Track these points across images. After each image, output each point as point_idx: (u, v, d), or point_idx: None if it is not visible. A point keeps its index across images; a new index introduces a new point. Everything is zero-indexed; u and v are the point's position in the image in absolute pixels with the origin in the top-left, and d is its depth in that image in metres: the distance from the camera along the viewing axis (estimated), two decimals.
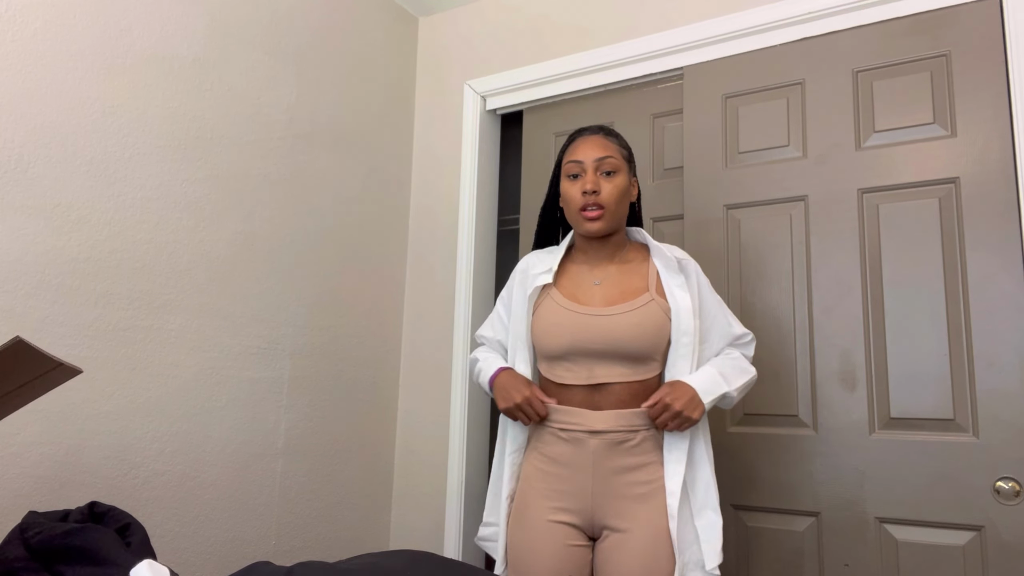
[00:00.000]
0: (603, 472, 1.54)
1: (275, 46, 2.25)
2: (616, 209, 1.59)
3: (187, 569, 1.89)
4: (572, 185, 1.61)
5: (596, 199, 1.57)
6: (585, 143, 1.62)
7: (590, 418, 1.55)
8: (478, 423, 2.56)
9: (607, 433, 1.54)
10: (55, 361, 1.00)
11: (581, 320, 1.57)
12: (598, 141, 1.62)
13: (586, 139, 1.63)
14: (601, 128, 1.67)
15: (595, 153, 1.59)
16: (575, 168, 1.61)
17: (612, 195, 1.58)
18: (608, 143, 1.62)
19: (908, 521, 1.80)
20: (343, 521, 2.38)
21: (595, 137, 1.63)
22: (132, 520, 1.44)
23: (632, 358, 1.55)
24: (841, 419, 1.90)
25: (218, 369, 2.02)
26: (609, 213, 1.58)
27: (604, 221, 1.58)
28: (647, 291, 1.59)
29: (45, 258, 1.65)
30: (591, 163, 1.59)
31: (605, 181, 1.58)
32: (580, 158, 1.60)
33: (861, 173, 1.97)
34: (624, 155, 1.64)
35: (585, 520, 1.55)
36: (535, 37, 2.57)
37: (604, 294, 1.61)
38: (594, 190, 1.56)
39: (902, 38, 1.97)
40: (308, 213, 2.33)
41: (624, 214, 1.64)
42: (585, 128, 1.68)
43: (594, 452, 1.54)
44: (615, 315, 1.56)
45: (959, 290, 1.82)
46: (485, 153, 2.68)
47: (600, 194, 1.57)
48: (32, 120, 1.65)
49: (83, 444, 1.70)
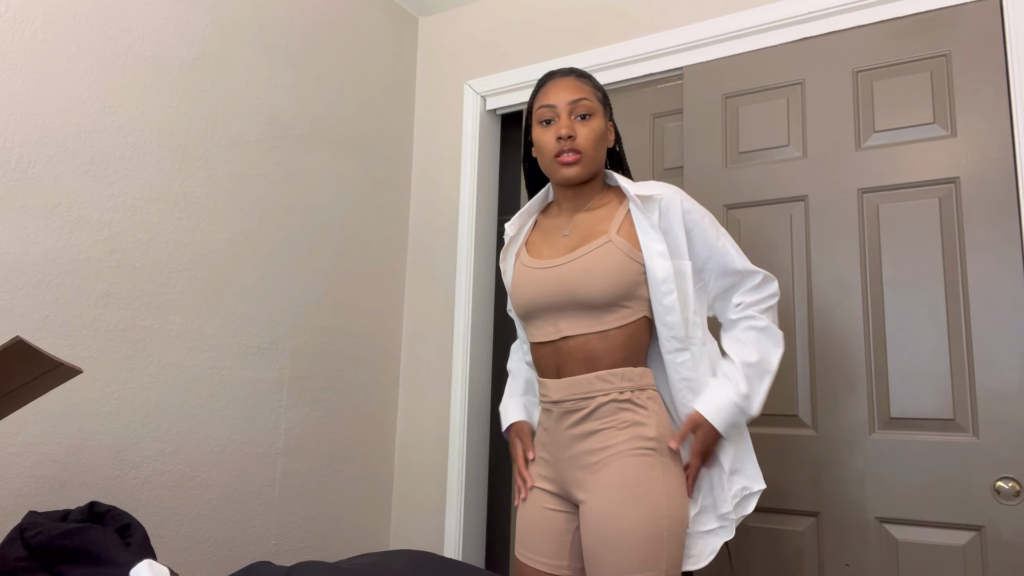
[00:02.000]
0: (563, 441, 1.50)
1: (275, 46, 2.25)
2: (594, 154, 1.50)
3: (187, 569, 1.89)
4: (545, 131, 1.51)
5: (572, 144, 1.47)
6: (556, 85, 1.53)
7: (551, 388, 1.51)
8: (478, 423, 2.56)
9: (562, 403, 1.49)
10: (55, 361, 1.00)
11: (537, 275, 1.52)
12: (570, 83, 1.52)
13: (557, 81, 1.54)
14: (572, 70, 1.56)
15: (568, 95, 1.49)
16: (547, 113, 1.51)
17: (589, 139, 1.48)
18: (581, 84, 1.52)
19: (908, 521, 1.80)
20: (343, 521, 2.38)
21: (567, 79, 1.53)
22: (132, 520, 1.44)
23: (589, 306, 1.45)
24: (841, 419, 1.90)
25: (218, 369, 2.02)
26: (587, 158, 1.48)
27: (581, 166, 1.49)
28: (605, 234, 1.49)
29: (45, 258, 1.65)
30: (564, 106, 1.49)
31: (580, 125, 1.48)
32: (552, 102, 1.50)
33: (861, 173, 1.97)
34: (599, 97, 1.54)
35: (560, 488, 1.53)
36: (535, 37, 2.57)
37: (568, 244, 1.53)
38: (569, 135, 1.46)
39: (902, 38, 1.97)
40: (308, 213, 2.33)
41: (602, 159, 1.53)
42: (555, 70, 1.58)
43: (556, 422, 1.51)
44: (566, 263, 1.49)
45: (959, 290, 1.82)
46: (485, 153, 2.68)
47: (576, 138, 1.47)
48: (32, 120, 1.65)
49: (83, 444, 1.70)
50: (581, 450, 1.47)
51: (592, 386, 1.46)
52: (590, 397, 1.46)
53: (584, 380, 1.47)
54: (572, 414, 1.48)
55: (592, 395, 1.46)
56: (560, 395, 1.49)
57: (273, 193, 2.22)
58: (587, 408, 1.46)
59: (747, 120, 2.16)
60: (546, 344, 1.53)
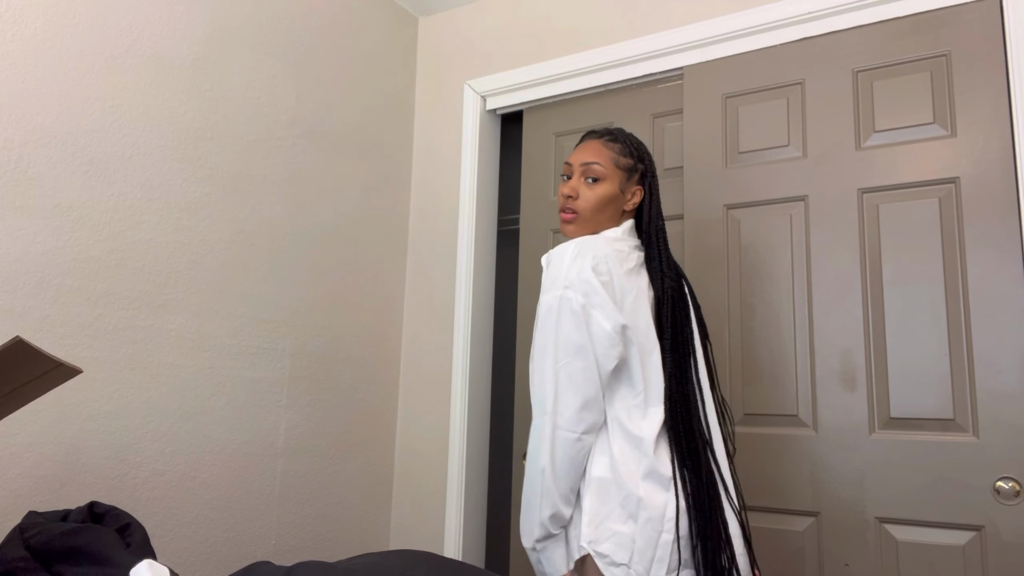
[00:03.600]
0: None
1: (275, 46, 2.25)
2: (592, 216, 1.56)
3: (187, 569, 1.89)
4: (562, 186, 1.62)
5: (572, 204, 1.57)
6: (582, 146, 1.62)
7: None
8: (478, 423, 2.56)
9: None
10: (55, 361, 1.00)
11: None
12: (593, 146, 1.60)
13: (585, 143, 1.62)
14: (607, 133, 1.62)
15: (583, 157, 1.59)
16: (567, 169, 1.62)
17: (589, 201, 1.56)
18: (603, 149, 1.58)
19: (908, 521, 1.80)
20: (343, 521, 2.38)
21: (593, 143, 1.61)
22: (132, 520, 1.44)
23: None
24: (841, 419, 1.90)
25: (218, 369, 2.02)
26: (582, 219, 1.57)
27: (575, 225, 1.58)
28: None
29: (45, 258, 1.65)
30: (578, 167, 1.59)
31: (586, 187, 1.57)
32: (571, 161, 1.61)
33: (861, 173, 1.97)
34: (620, 163, 1.58)
35: None
36: (535, 37, 2.57)
37: None
38: (570, 195, 1.57)
39: (902, 38, 1.97)
40: (308, 213, 2.33)
41: (599, 222, 1.57)
42: (594, 131, 1.66)
43: None
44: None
45: (959, 290, 1.82)
46: (485, 153, 2.68)
47: (577, 200, 1.57)
48: (32, 120, 1.65)
49: (83, 444, 1.70)
50: None
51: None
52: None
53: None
54: None
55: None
56: None
57: (273, 193, 2.22)
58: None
59: (747, 120, 2.16)
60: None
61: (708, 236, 2.15)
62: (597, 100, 2.48)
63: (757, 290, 2.06)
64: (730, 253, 2.12)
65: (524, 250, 2.55)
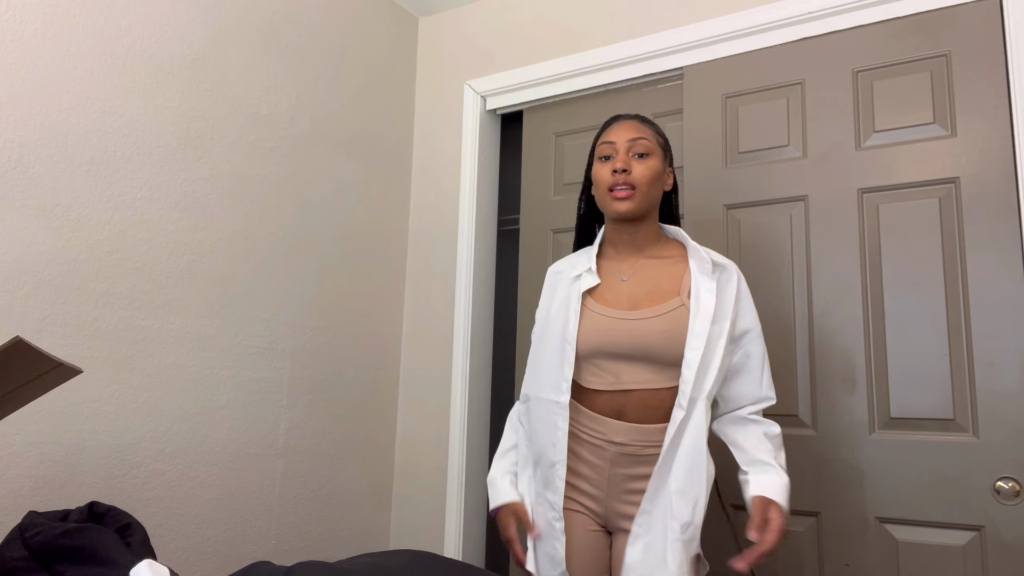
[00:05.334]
0: (617, 480, 1.55)
1: (275, 46, 2.25)
2: (648, 191, 1.55)
3: (187, 569, 1.89)
4: (603, 166, 1.58)
5: (626, 178, 1.53)
6: (619, 126, 1.60)
7: (612, 428, 1.54)
8: (478, 423, 2.56)
9: (625, 445, 1.54)
10: (55, 361, 1.00)
11: (608, 323, 1.55)
12: (632, 124, 1.59)
13: (621, 122, 1.61)
14: (637, 115, 1.64)
15: (628, 134, 1.57)
16: (607, 149, 1.58)
17: (644, 175, 1.54)
18: (642, 127, 1.60)
19: (908, 521, 1.80)
20: (343, 521, 2.38)
21: (630, 121, 1.61)
22: (132, 520, 1.44)
23: (659, 364, 1.52)
24: (841, 419, 1.90)
25: (218, 369, 2.02)
26: (640, 194, 1.54)
27: (634, 201, 1.54)
28: (677, 295, 1.55)
29: (45, 258, 1.65)
30: (623, 143, 1.56)
31: (637, 162, 1.55)
32: (612, 139, 1.58)
33: (861, 173, 1.97)
34: (659, 142, 1.61)
35: (605, 521, 1.59)
36: (535, 37, 2.57)
37: (631, 293, 1.57)
38: (624, 168, 1.53)
39: (902, 38, 1.97)
40: (308, 213, 2.33)
41: (656, 199, 1.59)
42: (621, 114, 1.66)
43: (611, 462, 1.55)
44: (643, 319, 1.53)
45: (959, 290, 1.82)
46: (485, 153, 2.68)
47: (631, 173, 1.54)
48: (32, 120, 1.65)
49: (83, 444, 1.70)
50: (633, 488, 1.54)
51: (653, 437, 1.53)
52: (653, 446, 1.53)
53: (653, 429, 1.53)
54: (631, 458, 1.54)
55: (656, 444, 1.52)
56: (624, 438, 1.54)
57: (273, 193, 2.22)
58: (649, 452, 1.53)
59: (747, 120, 2.16)
60: (603, 392, 1.57)
61: (708, 236, 2.15)
62: (597, 100, 2.48)
63: (757, 290, 2.06)
64: (730, 253, 2.12)
65: (524, 250, 2.55)
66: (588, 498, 1.58)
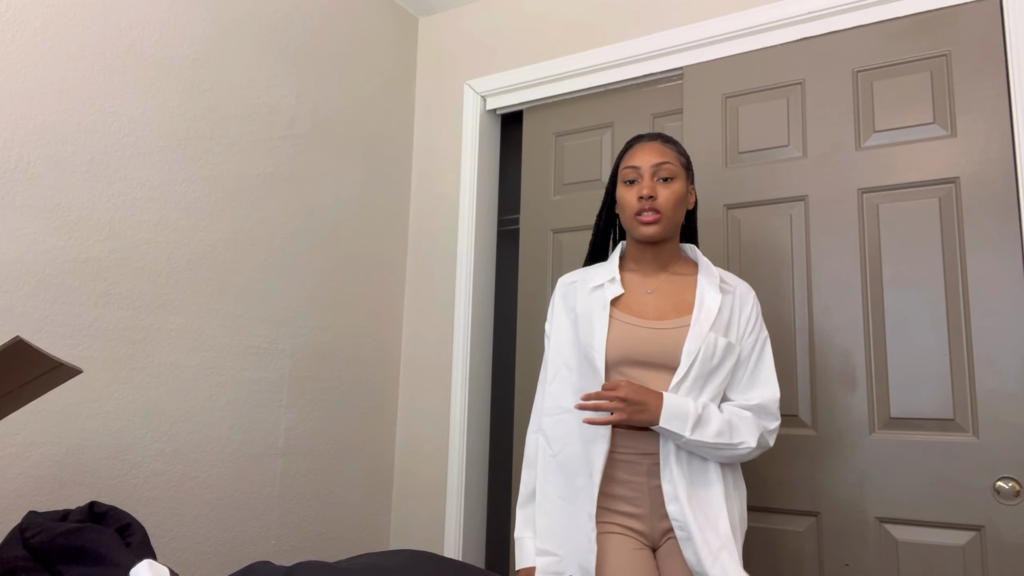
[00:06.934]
0: (656, 497, 1.54)
1: (275, 46, 2.25)
2: (672, 215, 1.58)
3: (187, 569, 1.89)
4: (628, 191, 1.60)
5: (652, 204, 1.56)
6: (643, 149, 1.61)
7: (643, 440, 1.54)
8: (478, 423, 2.56)
9: (654, 455, 1.54)
10: (55, 361, 1.00)
11: (635, 331, 1.56)
12: (656, 147, 1.61)
13: (644, 145, 1.62)
14: (659, 135, 1.66)
15: (652, 159, 1.58)
16: (632, 174, 1.60)
17: (669, 201, 1.57)
18: (666, 149, 1.61)
19: (908, 521, 1.80)
20: (343, 521, 2.38)
21: (653, 143, 1.62)
22: (132, 520, 1.44)
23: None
24: (841, 419, 1.90)
25: (218, 369, 2.02)
26: (665, 219, 1.57)
27: (660, 226, 1.57)
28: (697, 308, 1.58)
29: (45, 258, 1.65)
30: (648, 168, 1.58)
31: (662, 187, 1.57)
32: (637, 163, 1.60)
33: (861, 173, 1.97)
34: (682, 162, 1.62)
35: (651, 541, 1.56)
36: (535, 37, 2.57)
37: (656, 305, 1.60)
38: (650, 195, 1.55)
39: (902, 38, 1.97)
40: (308, 213, 2.33)
41: (679, 221, 1.62)
42: (643, 135, 1.67)
43: (648, 471, 1.55)
44: (670, 329, 1.55)
45: (959, 290, 1.82)
46: (485, 153, 2.68)
47: (657, 199, 1.56)
48: (32, 120, 1.65)
49: (83, 444, 1.70)
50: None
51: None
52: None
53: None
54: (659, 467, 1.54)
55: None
56: (655, 449, 1.54)
57: (273, 193, 2.22)
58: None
59: (747, 120, 2.16)
60: None
61: (708, 236, 2.15)
62: (597, 100, 2.48)
63: (757, 290, 2.06)
64: (730, 253, 2.12)
65: (524, 250, 2.55)
66: (629, 518, 1.55)
